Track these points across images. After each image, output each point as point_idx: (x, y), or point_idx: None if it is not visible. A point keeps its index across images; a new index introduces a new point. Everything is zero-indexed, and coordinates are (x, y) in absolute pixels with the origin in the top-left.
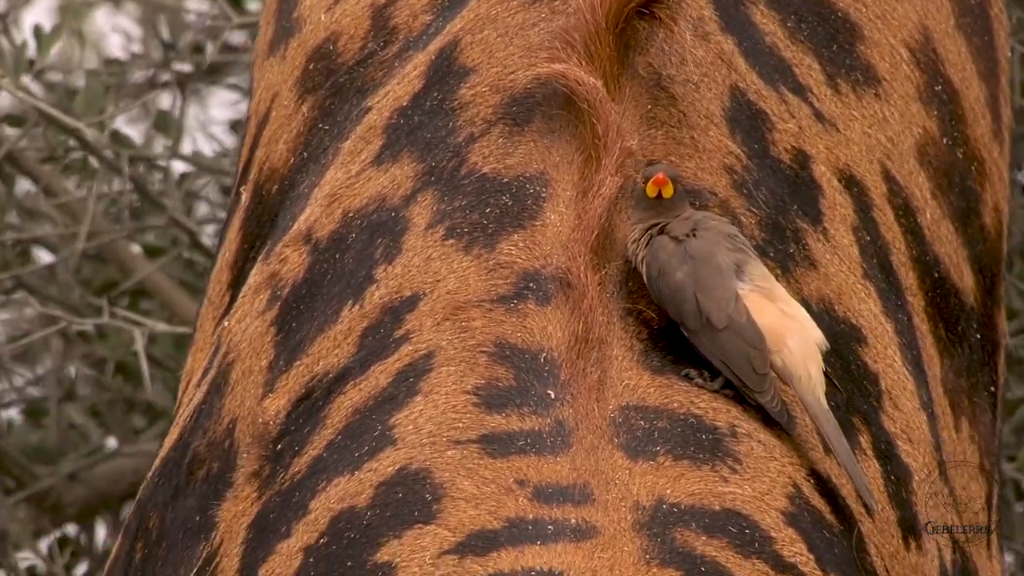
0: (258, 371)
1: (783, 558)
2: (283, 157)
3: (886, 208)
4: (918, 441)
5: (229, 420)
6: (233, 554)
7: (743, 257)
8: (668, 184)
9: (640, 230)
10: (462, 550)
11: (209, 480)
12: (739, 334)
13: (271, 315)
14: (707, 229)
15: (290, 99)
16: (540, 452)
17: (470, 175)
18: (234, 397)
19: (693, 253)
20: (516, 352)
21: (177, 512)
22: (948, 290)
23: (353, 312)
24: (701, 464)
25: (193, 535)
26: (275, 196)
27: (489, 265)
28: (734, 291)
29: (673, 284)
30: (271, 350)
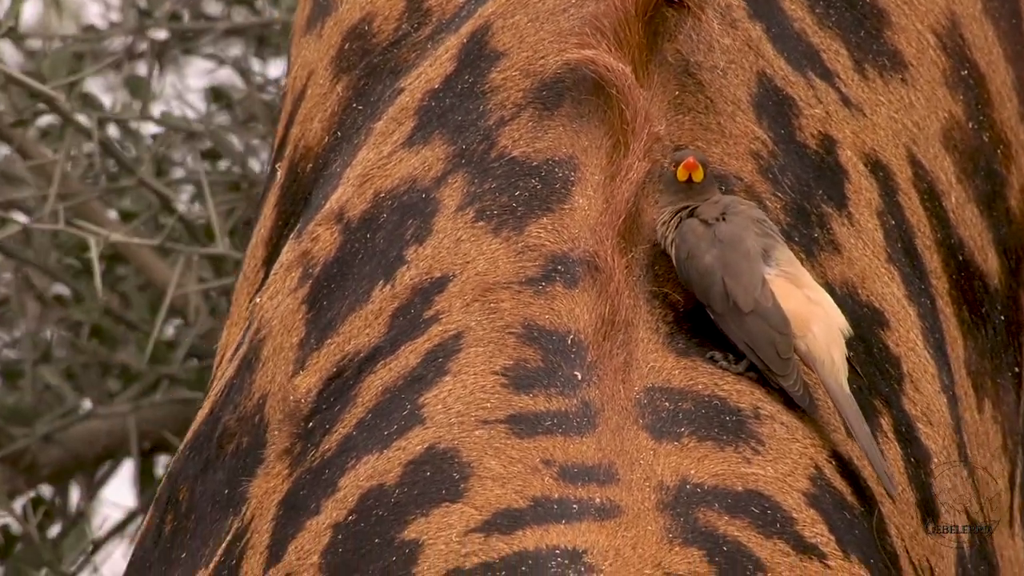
0: (288, 348)
1: (804, 538)
2: (317, 136)
3: (911, 192)
4: (938, 423)
5: (259, 396)
6: (263, 530)
7: (770, 242)
8: (698, 168)
9: (670, 212)
10: (488, 528)
11: (238, 454)
12: (764, 318)
13: (302, 293)
14: (736, 214)
15: (325, 78)
16: (566, 432)
17: (500, 158)
18: (265, 373)
19: (722, 237)
20: (544, 334)
21: (207, 485)
22: (972, 273)
23: (384, 292)
24: (724, 445)
25: (222, 508)
26: (309, 174)
27: (518, 247)
28: (761, 276)
29: (702, 267)
30: (302, 328)
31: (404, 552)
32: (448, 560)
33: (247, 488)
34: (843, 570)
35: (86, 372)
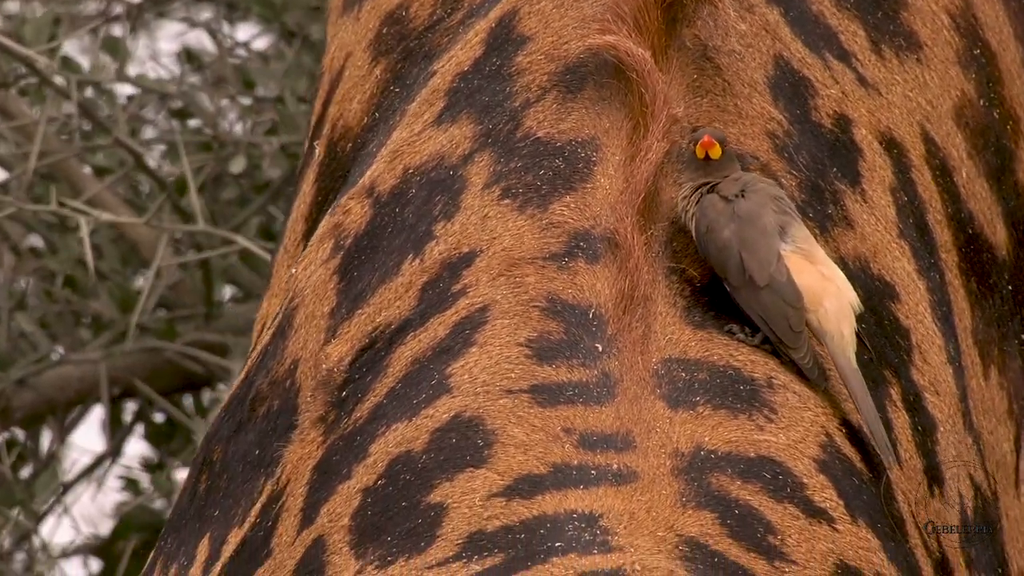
0: (320, 316)
1: (814, 503)
2: (357, 116)
3: (924, 168)
4: (944, 393)
5: (291, 361)
6: (298, 494)
7: (787, 219)
8: (715, 146)
9: (690, 188)
10: (509, 493)
11: (269, 417)
12: (779, 292)
13: (334, 264)
14: (755, 191)
15: (364, 60)
16: (587, 402)
17: (525, 138)
18: (297, 340)
19: (741, 213)
20: (567, 307)
21: (239, 446)
22: (981, 245)
23: (414, 266)
24: (738, 413)
25: (253, 468)
26: (348, 153)
27: (542, 224)
28: (776, 251)
29: (720, 241)
30: (333, 297)
31: (429, 515)
32: (471, 523)
33: (281, 452)
34: (851, 534)
35: (59, 320)
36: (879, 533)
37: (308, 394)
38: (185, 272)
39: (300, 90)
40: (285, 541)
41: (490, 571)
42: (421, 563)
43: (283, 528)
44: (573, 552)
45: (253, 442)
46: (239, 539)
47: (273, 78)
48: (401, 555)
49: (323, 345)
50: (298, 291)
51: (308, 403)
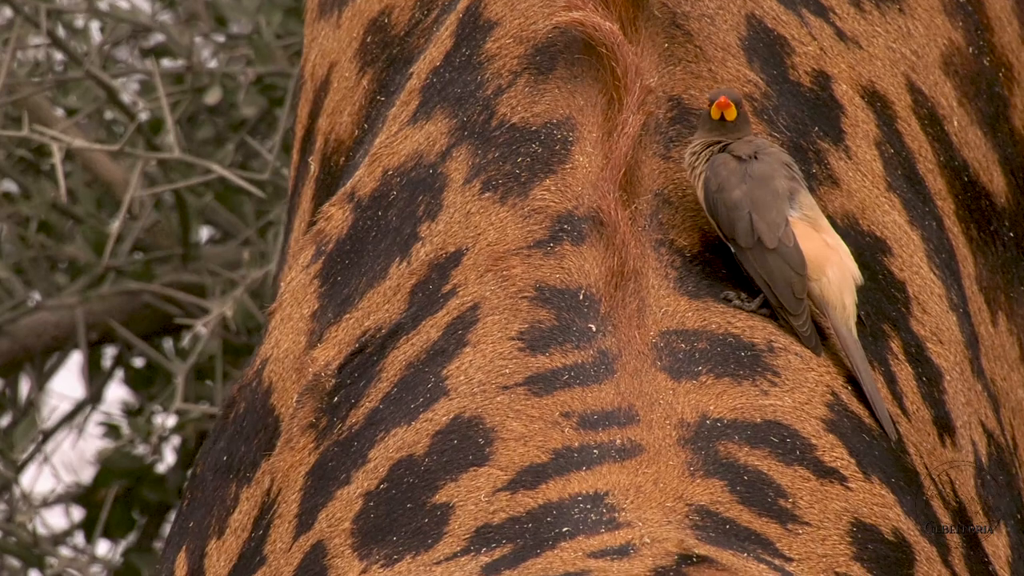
0: (298, 318)
1: (824, 463)
2: (348, 129)
3: (911, 119)
4: (948, 341)
5: (260, 361)
6: (291, 500)
7: (796, 186)
8: (731, 107)
9: (701, 145)
10: (514, 486)
11: (236, 420)
12: (784, 258)
13: (315, 268)
14: (768, 154)
15: (351, 71)
16: (584, 383)
17: (500, 126)
18: (269, 341)
19: (753, 174)
20: (556, 293)
21: (211, 456)
22: (979, 192)
23: (401, 269)
24: (742, 380)
25: (222, 475)
26: (342, 167)
27: (524, 212)
28: (785, 216)
29: (730, 201)
30: (314, 300)
31: (436, 514)
32: (477, 518)
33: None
34: (865, 491)
35: (34, 266)
36: (894, 488)
37: (290, 398)
38: (161, 213)
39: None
40: (280, 548)
41: (499, 562)
42: (429, 559)
43: (276, 535)
44: (581, 534)
45: (223, 449)
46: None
47: (246, 14)
48: (408, 553)
49: (308, 349)
50: (279, 298)
51: (296, 408)
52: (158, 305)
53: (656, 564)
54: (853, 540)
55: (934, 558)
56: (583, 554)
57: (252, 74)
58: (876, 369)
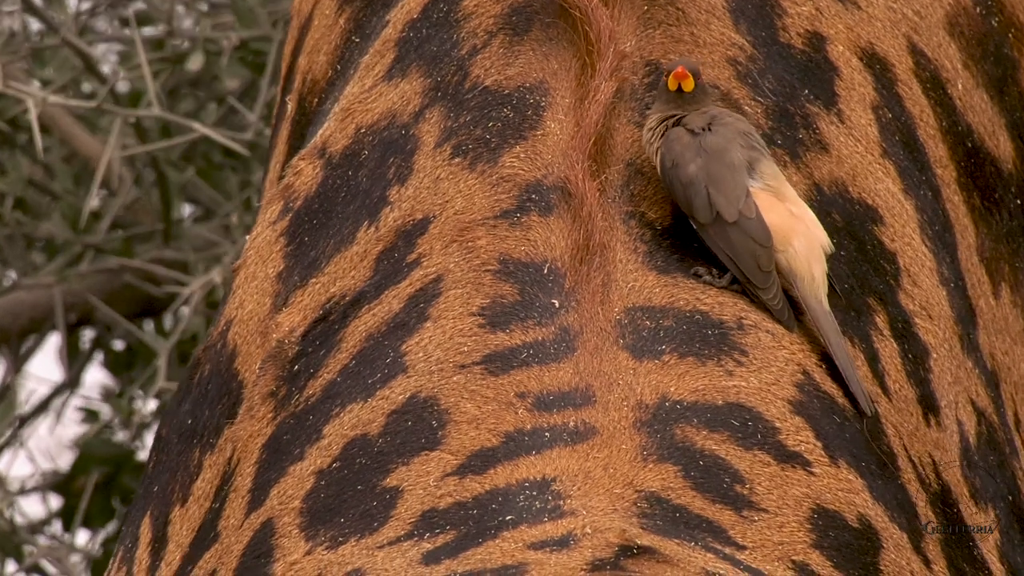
0: (263, 278)
1: (787, 447)
2: (323, 69)
3: (912, 82)
4: (938, 316)
5: (224, 322)
6: (247, 474)
7: (756, 155)
8: (688, 78)
9: (657, 119)
10: (463, 471)
11: (201, 383)
12: (747, 230)
13: (281, 225)
14: (723, 125)
15: (331, 8)
16: (543, 362)
17: (473, 88)
18: (233, 300)
19: (707, 147)
20: (520, 266)
21: (176, 418)
22: (983, 159)
23: (369, 234)
24: (706, 359)
25: (186, 439)
26: (315, 108)
27: (493, 180)
28: (745, 187)
29: (685, 177)
30: (279, 260)
31: (385, 498)
32: (424, 502)
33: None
34: (829, 476)
35: (10, 244)
36: (863, 472)
37: (252, 364)
38: (141, 189)
39: None
40: (232, 524)
41: (441, 549)
42: (372, 542)
43: (231, 510)
44: (524, 523)
45: (187, 411)
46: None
47: None
48: (353, 535)
49: (273, 313)
50: (244, 254)
51: (258, 375)
52: (139, 284)
53: (595, 556)
54: (813, 527)
55: (903, 545)
56: (523, 545)
57: (235, 39)
58: (857, 346)
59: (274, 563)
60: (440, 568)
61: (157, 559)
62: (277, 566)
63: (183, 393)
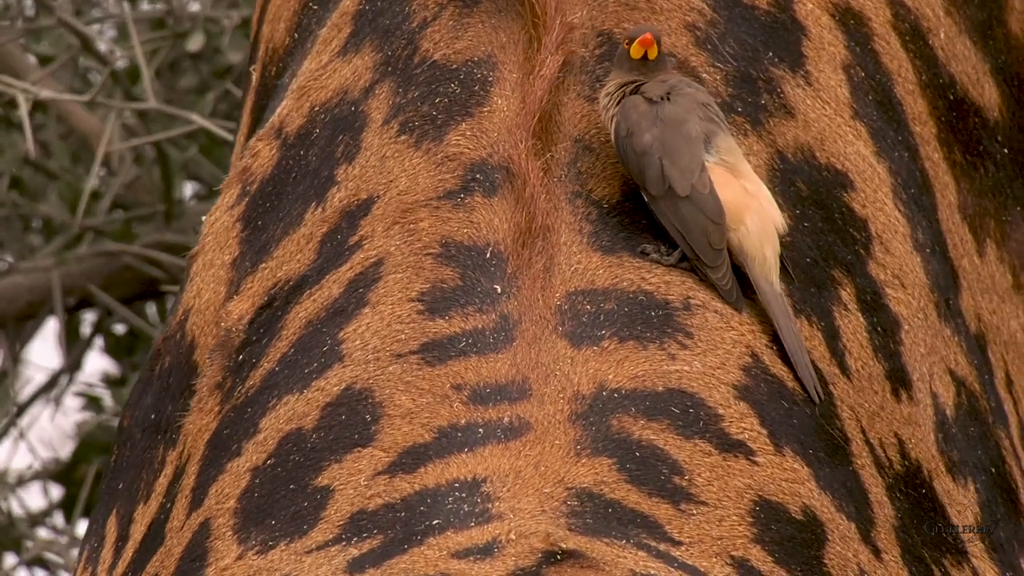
0: (219, 265)
1: (729, 436)
2: (282, 38)
3: (890, 36)
4: (911, 284)
5: (183, 311)
6: (191, 472)
7: (713, 128)
8: (654, 46)
9: (615, 86)
10: (393, 469)
11: (162, 375)
12: (699, 205)
13: (238, 210)
14: (682, 95)
15: None
16: (481, 352)
17: (422, 63)
18: (191, 289)
19: (664, 117)
20: (462, 250)
21: (139, 410)
22: (967, 110)
23: (316, 216)
24: (648, 343)
25: (150, 435)
26: (273, 79)
27: (437, 159)
28: (700, 161)
29: (640, 146)
30: (235, 246)
31: (316, 498)
32: (354, 503)
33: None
34: (772, 465)
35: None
36: (810, 460)
37: (206, 355)
38: (141, 168)
39: None
40: (175, 526)
41: (367, 556)
42: (301, 547)
43: (176, 511)
44: (450, 528)
45: (150, 405)
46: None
47: None
48: (283, 539)
49: (225, 301)
50: (202, 239)
51: (207, 366)
52: (139, 267)
53: (517, 565)
54: (755, 520)
55: (850, 536)
56: (447, 553)
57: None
58: (816, 324)
59: (207, 567)
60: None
61: (118, 558)
62: (210, 570)
63: (144, 384)
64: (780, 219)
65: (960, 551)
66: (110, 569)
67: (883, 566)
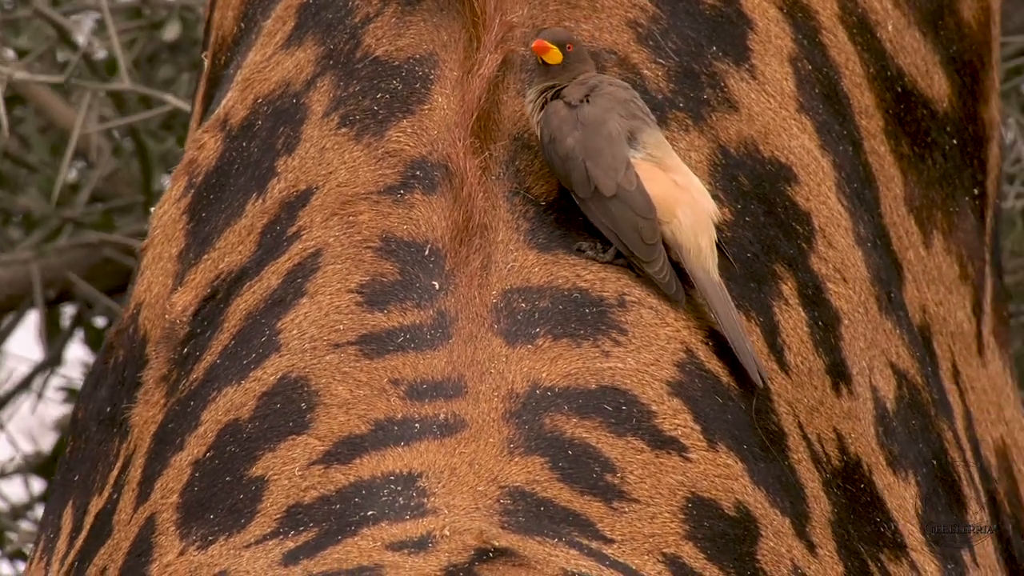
0: (167, 258)
1: (662, 432)
2: (230, 26)
3: (837, 29)
4: (852, 279)
5: (135, 305)
6: (138, 465)
7: (638, 124)
8: (550, 50)
9: (536, 92)
10: (329, 459)
11: (116, 369)
12: (628, 203)
13: (185, 202)
14: (601, 95)
15: None
16: (419, 348)
17: (364, 58)
18: (142, 282)
19: (584, 120)
20: (402, 245)
21: (93, 403)
22: (915, 102)
23: (256, 206)
24: (582, 341)
25: (105, 428)
26: (222, 67)
27: (378, 154)
28: (624, 159)
29: (563, 151)
30: (182, 239)
31: (251, 489)
32: (290, 495)
33: (127, 411)
34: (706, 461)
35: None
36: (744, 455)
37: (152, 347)
38: (120, 160)
39: None
40: (123, 519)
41: (302, 548)
42: (240, 542)
43: (124, 503)
44: (385, 520)
45: (105, 398)
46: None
47: None
48: (222, 534)
49: (170, 292)
50: (151, 231)
51: (153, 358)
52: (120, 259)
53: (450, 561)
54: (687, 517)
55: (784, 531)
56: (381, 544)
57: None
58: (754, 320)
59: (151, 564)
60: (297, 569)
61: (71, 548)
62: (154, 567)
63: (98, 377)
64: (714, 208)
65: (899, 545)
66: (63, 559)
67: (818, 561)
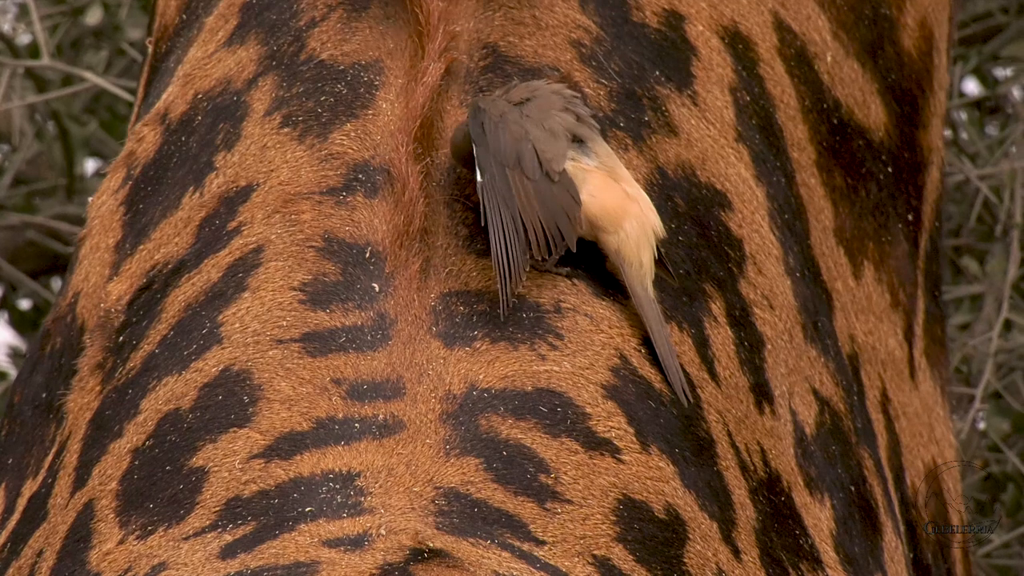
0: (104, 249)
1: (596, 434)
2: (172, 15)
3: (775, 61)
4: (779, 306)
5: (73, 294)
6: (74, 450)
7: (589, 133)
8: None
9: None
10: (270, 453)
11: (53, 356)
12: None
13: (122, 194)
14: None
15: None
16: (360, 348)
17: (309, 61)
18: (79, 272)
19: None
20: (344, 246)
21: (29, 388)
22: (850, 134)
23: (193, 200)
24: (519, 344)
25: (41, 413)
26: (163, 56)
27: (321, 155)
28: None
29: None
30: (119, 230)
31: (191, 480)
32: (229, 488)
33: (63, 397)
34: (639, 463)
35: None
36: (676, 458)
37: (88, 335)
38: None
39: None
40: (59, 503)
41: (240, 541)
42: (179, 533)
43: (59, 487)
44: (323, 517)
45: (41, 384)
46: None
47: None
48: (161, 524)
49: (106, 282)
50: (88, 223)
51: (88, 345)
52: (43, 242)
53: (385, 560)
54: (618, 519)
55: (711, 535)
56: (318, 540)
57: None
58: (686, 331)
59: (91, 549)
60: (235, 562)
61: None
62: (93, 553)
63: (34, 363)
64: (659, 224)
65: (816, 560)
66: None
67: (741, 566)
